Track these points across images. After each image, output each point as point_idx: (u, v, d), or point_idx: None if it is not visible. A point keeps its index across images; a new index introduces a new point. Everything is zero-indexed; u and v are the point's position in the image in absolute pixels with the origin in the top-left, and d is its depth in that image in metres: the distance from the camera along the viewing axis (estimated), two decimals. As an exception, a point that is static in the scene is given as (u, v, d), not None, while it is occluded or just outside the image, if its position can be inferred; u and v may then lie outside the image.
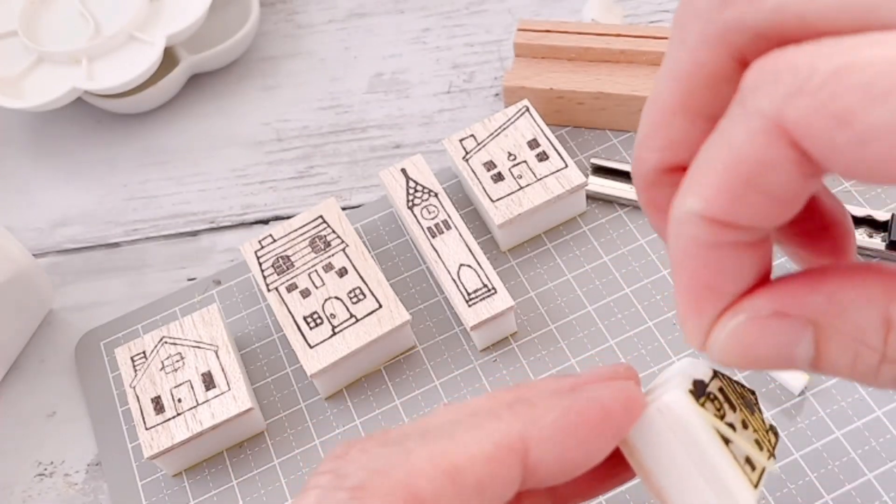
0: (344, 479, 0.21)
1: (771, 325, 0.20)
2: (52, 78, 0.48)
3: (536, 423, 0.22)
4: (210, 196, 0.48)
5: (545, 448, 0.22)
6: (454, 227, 0.40)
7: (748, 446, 0.23)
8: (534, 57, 0.45)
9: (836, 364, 0.20)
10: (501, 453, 0.21)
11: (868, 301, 0.19)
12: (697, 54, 0.20)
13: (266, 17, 0.54)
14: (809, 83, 0.17)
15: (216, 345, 0.39)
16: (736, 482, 0.22)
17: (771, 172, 0.19)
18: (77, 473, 0.40)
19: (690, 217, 0.20)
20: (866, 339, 0.19)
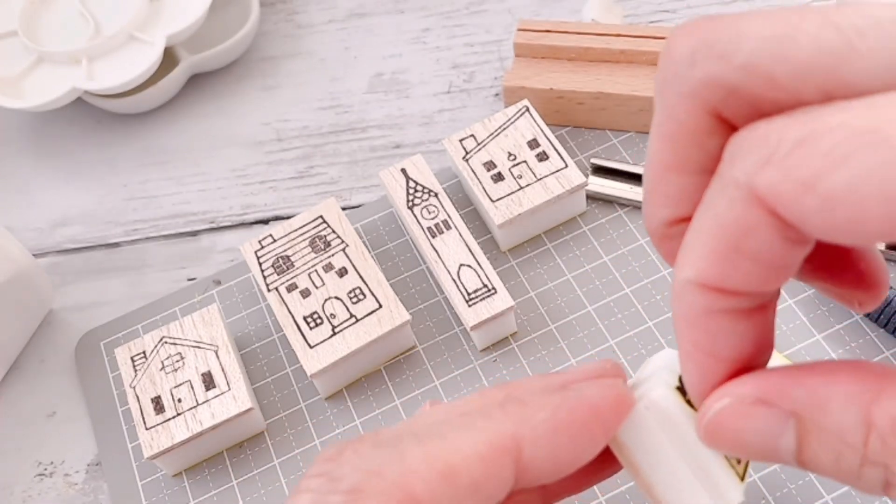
0: (338, 482, 0.21)
1: (754, 413, 0.20)
2: (52, 78, 0.48)
3: (528, 423, 0.22)
4: (210, 196, 0.48)
5: (537, 447, 0.22)
6: (454, 227, 0.40)
7: None
8: (534, 57, 0.45)
9: (818, 461, 0.20)
10: (495, 453, 0.21)
11: (849, 400, 0.19)
12: (676, 112, 0.21)
13: (266, 17, 0.54)
14: (777, 152, 0.18)
15: (216, 345, 0.39)
16: (724, 477, 0.22)
17: (753, 237, 0.19)
18: (77, 473, 0.40)
19: (686, 286, 0.21)
20: (847, 439, 0.19)
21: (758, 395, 0.20)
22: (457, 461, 0.21)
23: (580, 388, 0.23)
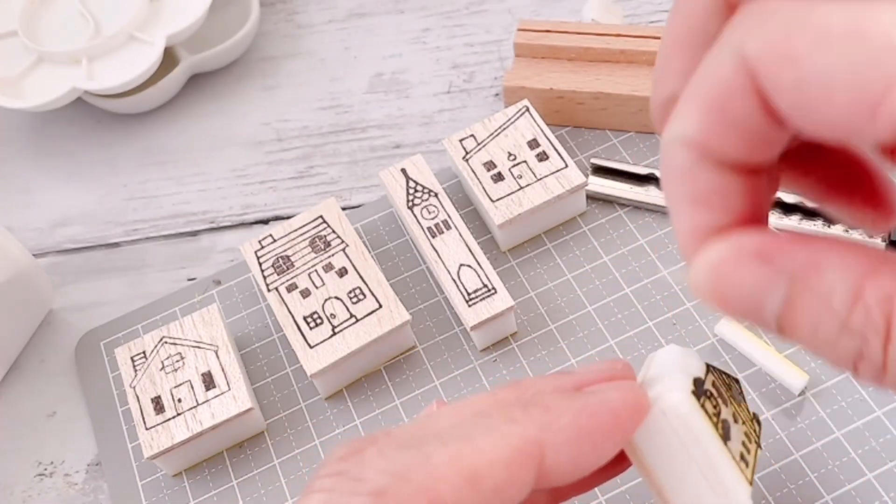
0: (360, 483, 0.21)
1: (749, 266, 0.20)
2: (52, 78, 0.48)
3: (551, 428, 0.22)
4: (210, 196, 0.48)
5: (560, 452, 0.22)
6: (454, 227, 0.40)
7: (741, 441, 0.24)
8: (534, 57, 0.45)
9: (798, 325, 0.20)
10: (519, 458, 0.22)
11: (846, 269, 0.19)
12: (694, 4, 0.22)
13: (266, 17, 0.54)
14: (771, 23, 0.19)
15: (216, 345, 0.39)
16: (734, 481, 0.23)
17: (736, 101, 0.20)
18: (77, 473, 0.40)
19: (675, 143, 0.21)
20: (833, 303, 0.19)
21: (759, 249, 0.20)
22: (482, 466, 0.21)
23: (600, 391, 0.23)
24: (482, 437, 0.22)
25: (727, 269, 0.20)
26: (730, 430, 0.24)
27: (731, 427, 0.24)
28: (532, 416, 0.22)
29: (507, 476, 0.21)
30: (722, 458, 0.23)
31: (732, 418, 0.25)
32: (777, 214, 0.40)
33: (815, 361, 0.37)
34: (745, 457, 0.24)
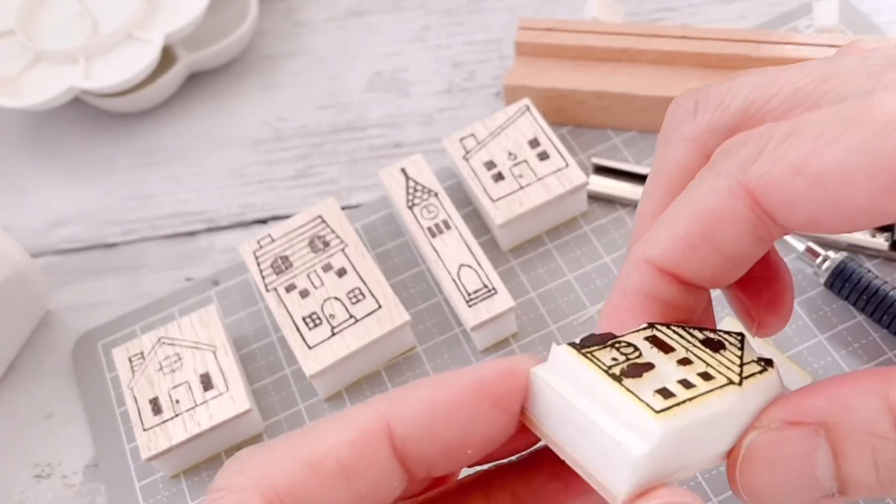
0: (212, 488, 0.21)
1: (785, 436, 0.20)
2: (50, 77, 0.48)
3: (401, 403, 0.21)
4: (208, 196, 0.48)
5: (411, 425, 0.21)
6: (454, 227, 0.40)
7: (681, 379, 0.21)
8: (535, 55, 0.45)
9: (857, 470, 0.19)
10: (363, 436, 0.20)
11: (867, 392, 0.19)
12: (676, 155, 0.24)
13: (265, 16, 0.54)
14: (769, 144, 0.20)
15: (214, 345, 0.38)
16: (634, 411, 0.19)
17: (727, 228, 0.21)
18: (74, 475, 0.40)
19: (641, 263, 0.22)
20: (877, 429, 0.19)
21: (783, 418, 0.20)
22: (321, 449, 0.20)
23: (467, 368, 0.22)
24: (327, 426, 0.21)
25: (768, 453, 0.20)
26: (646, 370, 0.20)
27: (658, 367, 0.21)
28: (384, 398, 0.21)
29: (352, 455, 0.20)
30: (612, 394, 0.20)
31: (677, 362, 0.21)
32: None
33: (817, 362, 0.37)
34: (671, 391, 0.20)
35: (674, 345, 0.22)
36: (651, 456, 0.19)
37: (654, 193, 0.24)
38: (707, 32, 0.43)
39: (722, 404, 0.20)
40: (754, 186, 0.20)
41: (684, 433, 0.19)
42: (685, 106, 0.24)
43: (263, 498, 0.19)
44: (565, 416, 0.21)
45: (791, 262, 0.40)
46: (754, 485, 0.20)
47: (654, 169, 0.25)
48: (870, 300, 0.37)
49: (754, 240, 0.21)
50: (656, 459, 0.19)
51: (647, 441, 0.19)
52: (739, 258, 0.22)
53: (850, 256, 0.38)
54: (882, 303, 0.36)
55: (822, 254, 0.38)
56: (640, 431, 0.19)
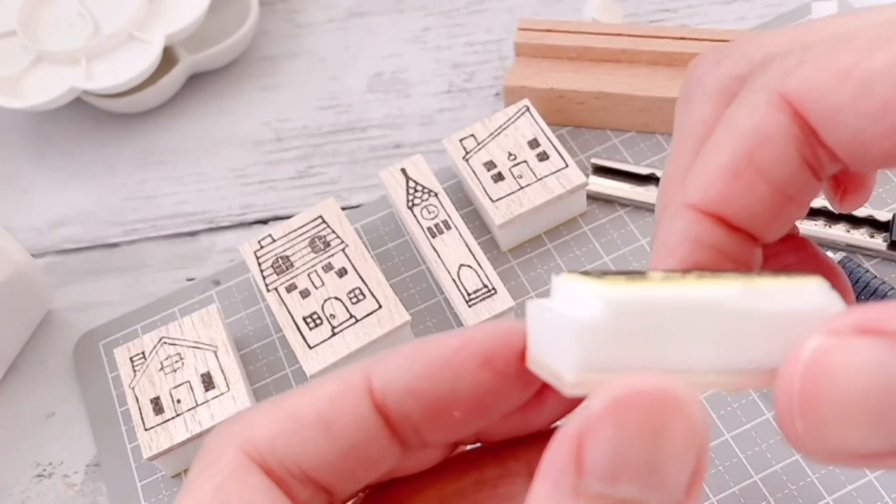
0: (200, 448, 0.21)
1: (858, 345, 0.15)
2: (51, 77, 0.48)
3: (383, 358, 0.20)
4: (209, 196, 0.48)
5: (390, 379, 0.20)
6: (454, 227, 0.40)
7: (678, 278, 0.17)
8: (534, 56, 0.45)
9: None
10: (343, 389, 0.20)
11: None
12: (700, 111, 0.21)
13: (265, 17, 0.54)
14: (812, 53, 0.18)
15: (215, 345, 0.39)
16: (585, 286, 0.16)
17: (772, 146, 0.19)
18: (76, 474, 0.40)
19: (682, 210, 0.20)
20: None
21: (854, 324, 0.15)
22: (303, 402, 0.20)
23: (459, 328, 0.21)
24: (313, 384, 0.20)
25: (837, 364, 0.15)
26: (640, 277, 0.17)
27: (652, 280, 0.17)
28: (373, 356, 0.20)
29: (331, 405, 0.19)
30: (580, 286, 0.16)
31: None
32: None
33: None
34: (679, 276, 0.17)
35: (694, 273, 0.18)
36: (594, 325, 0.16)
37: (680, 157, 0.22)
38: (706, 33, 0.43)
39: (712, 292, 0.16)
40: (795, 95, 0.18)
41: (651, 313, 0.16)
42: (706, 62, 0.22)
43: (242, 451, 0.19)
44: (543, 328, 0.18)
45: (790, 262, 0.40)
46: (820, 400, 0.15)
47: (677, 132, 0.22)
48: (868, 300, 0.37)
49: (801, 163, 0.19)
50: (607, 334, 0.16)
51: (587, 306, 0.16)
52: (789, 188, 0.19)
53: (848, 256, 0.38)
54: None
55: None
56: (586, 300, 0.16)
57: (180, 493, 0.19)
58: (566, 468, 0.16)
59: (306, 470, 0.19)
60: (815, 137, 0.18)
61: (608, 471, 0.15)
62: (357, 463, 0.20)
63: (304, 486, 0.19)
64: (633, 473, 0.15)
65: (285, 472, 0.19)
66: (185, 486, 0.19)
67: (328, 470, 0.19)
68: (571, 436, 0.16)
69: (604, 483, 0.15)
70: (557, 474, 0.16)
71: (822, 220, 0.40)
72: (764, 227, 0.20)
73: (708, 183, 0.19)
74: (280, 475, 0.19)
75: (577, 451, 0.16)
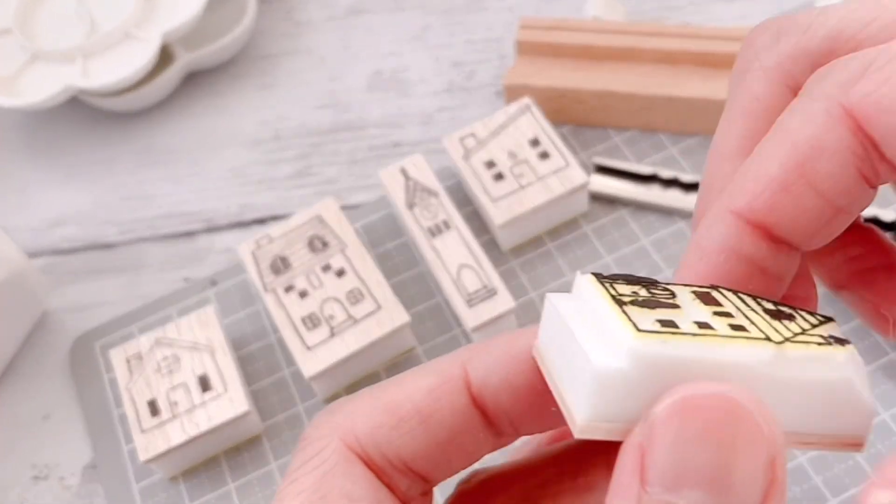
0: (301, 437, 0.21)
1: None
2: (47, 76, 0.48)
3: (480, 351, 0.20)
4: (207, 196, 0.47)
5: (486, 372, 0.20)
6: (454, 227, 0.40)
7: (706, 317, 0.17)
8: (535, 55, 0.45)
9: None
10: (441, 382, 0.20)
11: None
12: (754, 89, 0.21)
13: (264, 14, 0.53)
14: (876, 62, 0.18)
15: (213, 346, 0.38)
16: (616, 327, 0.16)
17: (827, 158, 0.18)
18: (72, 476, 0.40)
19: (725, 216, 0.19)
20: None
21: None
22: (401, 395, 0.20)
23: None
24: (411, 377, 0.21)
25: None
26: (664, 307, 0.17)
27: (683, 309, 0.17)
28: (469, 347, 0.21)
29: (429, 398, 0.20)
30: (606, 316, 0.16)
31: (700, 309, 0.17)
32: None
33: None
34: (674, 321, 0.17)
35: (724, 302, 0.18)
36: (617, 376, 0.16)
37: (731, 135, 0.21)
38: (708, 31, 0.43)
39: (739, 355, 0.16)
40: (858, 108, 0.17)
41: (679, 371, 0.16)
42: (764, 34, 0.21)
43: (344, 443, 0.20)
44: (558, 337, 0.18)
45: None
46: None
47: (729, 108, 0.21)
48: (873, 301, 0.36)
49: (857, 178, 0.18)
50: (628, 386, 0.16)
51: (616, 355, 0.16)
52: (841, 200, 0.18)
53: (852, 257, 0.38)
54: (885, 303, 0.36)
55: (825, 254, 0.38)
56: (613, 346, 0.16)
57: (283, 484, 0.19)
58: (631, 479, 0.16)
59: (406, 461, 0.20)
60: (877, 152, 0.18)
61: (670, 477, 0.15)
62: (454, 453, 0.20)
63: (404, 476, 0.20)
64: (696, 480, 0.15)
65: (386, 463, 0.20)
66: (287, 476, 0.20)
67: (426, 460, 0.20)
68: (635, 445, 0.16)
69: (666, 491, 0.15)
70: (622, 487, 0.16)
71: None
72: (809, 237, 0.19)
73: (756, 191, 0.19)
74: (381, 466, 0.20)
75: (640, 460, 0.15)
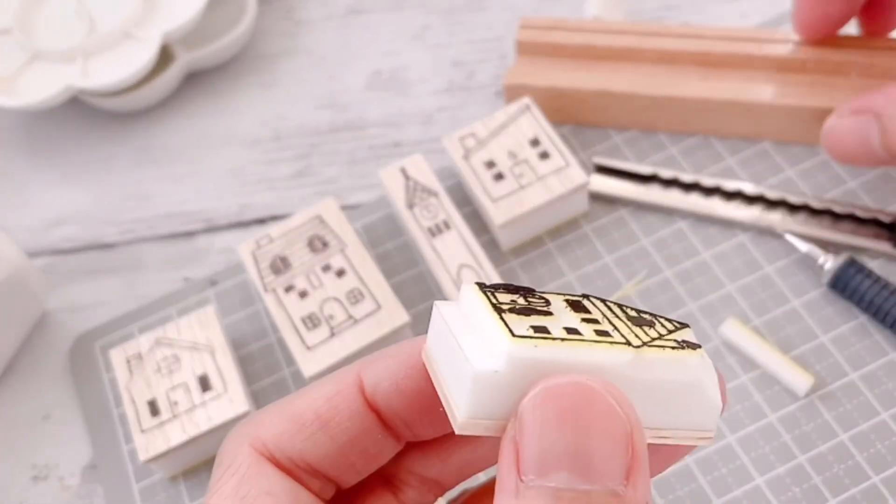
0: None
1: (850, 119, 0.34)
2: (47, 76, 0.48)
3: (372, 359, 0.22)
4: (207, 195, 0.47)
5: (377, 378, 0.21)
6: (454, 227, 0.39)
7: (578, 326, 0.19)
8: (536, 54, 0.45)
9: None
10: (339, 389, 0.21)
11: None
12: None
13: (263, 14, 0.53)
14: None
15: (212, 346, 0.38)
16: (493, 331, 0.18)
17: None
18: (72, 477, 0.39)
19: None
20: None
21: (852, 108, 0.34)
22: (303, 403, 0.22)
23: None
24: (314, 385, 0.22)
25: (839, 129, 0.35)
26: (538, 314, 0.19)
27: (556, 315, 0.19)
28: (365, 358, 0.22)
29: (328, 405, 0.21)
30: (485, 322, 0.18)
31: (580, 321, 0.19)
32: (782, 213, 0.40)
33: (819, 363, 0.37)
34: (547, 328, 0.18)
35: (592, 310, 0.20)
36: (495, 377, 0.17)
37: None
38: (709, 31, 0.43)
39: (602, 358, 0.18)
40: None
41: (546, 369, 0.17)
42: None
43: (253, 449, 0.21)
44: (443, 342, 0.19)
45: (793, 262, 0.39)
46: (829, 149, 0.36)
47: None
48: (872, 301, 0.36)
49: None
50: (503, 387, 0.17)
51: (493, 358, 0.17)
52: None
53: (852, 257, 0.38)
54: (885, 304, 0.36)
55: (825, 254, 0.38)
56: (490, 350, 0.18)
57: (206, 497, 0.21)
58: (509, 472, 0.17)
59: (311, 464, 0.21)
60: None
61: (539, 463, 0.17)
62: (356, 455, 0.22)
63: (313, 478, 0.22)
64: (559, 462, 0.17)
65: (294, 466, 0.21)
66: (209, 490, 0.21)
67: (330, 462, 0.21)
68: (510, 439, 0.17)
69: (538, 477, 0.17)
70: (503, 480, 0.17)
71: (828, 221, 0.39)
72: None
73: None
74: (289, 468, 0.21)
75: (515, 453, 0.17)
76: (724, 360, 0.37)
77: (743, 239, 0.40)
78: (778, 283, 0.39)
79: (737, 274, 0.39)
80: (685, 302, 0.39)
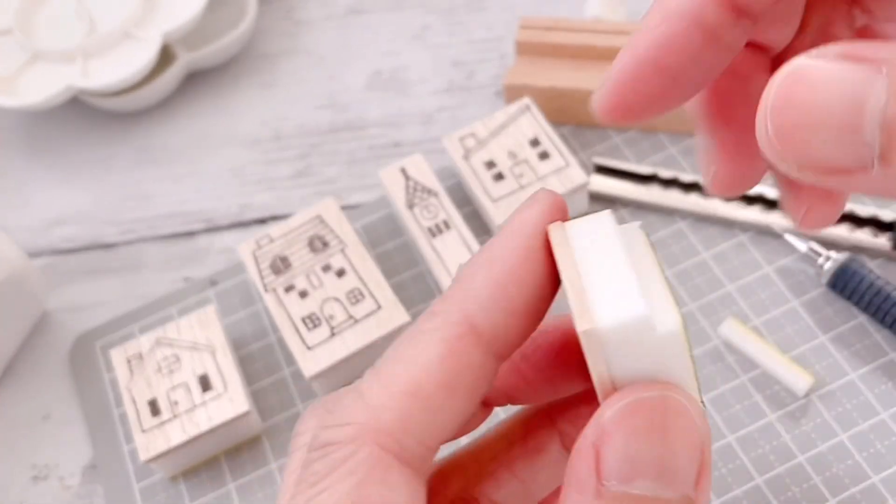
0: (313, 443, 0.20)
1: (838, 68, 0.16)
2: (47, 76, 0.48)
3: (469, 293, 0.20)
4: (207, 196, 0.47)
5: (489, 310, 0.20)
6: (454, 227, 0.40)
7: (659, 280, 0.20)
8: (535, 54, 0.45)
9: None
10: (452, 346, 0.19)
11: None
12: None
13: (264, 14, 0.53)
14: None
15: (213, 346, 0.38)
16: (664, 296, 0.19)
17: None
18: (72, 477, 0.39)
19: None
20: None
21: (842, 52, 0.16)
22: (416, 374, 0.19)
23: (509, 223, 0.21)
24: (409, 348, 0.20)
25: (812, 81, 0.16)
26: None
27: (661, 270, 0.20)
28: (448, 298, 0.20)
29: (448, 369, 0.19)
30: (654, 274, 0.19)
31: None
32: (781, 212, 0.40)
33: (819, 363, 0.37)
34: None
35: None
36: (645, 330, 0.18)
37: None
38: (708, 31, 0.43)
39: None
40: None
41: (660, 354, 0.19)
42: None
43: (378, 446, 0.19)
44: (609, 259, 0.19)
45: (793, 262, 0.39)
46: (789, 115, 0.16)
47: None
48: (872, 300, 0.36)
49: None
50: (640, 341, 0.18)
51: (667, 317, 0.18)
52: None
53: (852, 257, 0.38)
54: (884, 303, 0.36)
55: (825, 254, 0.38)
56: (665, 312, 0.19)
57: (302, 489, 0.19)
58: (588, 475, 0.18)
59: (441, 440, 0.20)
60: None
61: (624, 471, 0.18)
62: (475, 406, 0.20)
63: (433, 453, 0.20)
64: (647, 471, 0.18)
65: (423, 450, 0.20)
66: (304, 482, 0.19)
67: (455, 426, 0.20)
68: (588, 445, 0.18)
69: (622, 483, 0.18)
70: (580, 483, 0.18)
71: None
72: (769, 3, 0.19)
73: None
74: (420, 453, 0.20)
75: (595, 458, 0.18)
76: (723, 360, 0.37)
77: (742, 239, 0.40)
78: (777, 283, 0.39)
79: (736, 274, 0.39)
80: (685, 302, 0.39)
